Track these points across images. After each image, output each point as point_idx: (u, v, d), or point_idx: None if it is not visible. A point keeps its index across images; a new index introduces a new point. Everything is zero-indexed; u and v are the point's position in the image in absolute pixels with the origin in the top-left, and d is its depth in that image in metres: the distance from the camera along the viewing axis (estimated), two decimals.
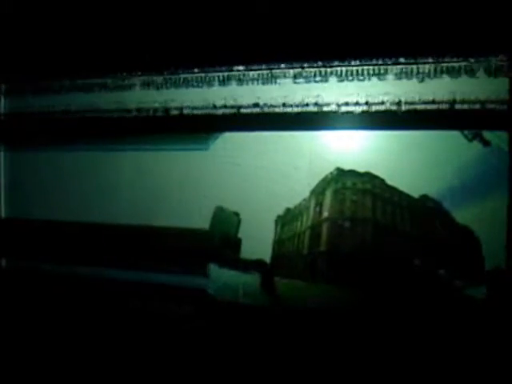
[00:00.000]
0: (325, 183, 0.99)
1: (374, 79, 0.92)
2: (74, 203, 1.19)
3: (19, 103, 1.21)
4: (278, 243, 1.04)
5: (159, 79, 1.08)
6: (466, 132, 0.89)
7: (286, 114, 0.98)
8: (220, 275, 1.07)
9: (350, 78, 0.94)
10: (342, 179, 0.98)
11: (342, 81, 0.95)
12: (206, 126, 1.05)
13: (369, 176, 0.95)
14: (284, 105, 0.99)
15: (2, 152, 1.24)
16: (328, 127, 0.96)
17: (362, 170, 0.95)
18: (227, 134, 1.05)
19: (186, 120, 1.06)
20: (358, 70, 0.93)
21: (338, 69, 0.95)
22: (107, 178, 1.16)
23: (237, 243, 1.05)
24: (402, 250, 0.95)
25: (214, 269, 1.07)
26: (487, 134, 0.88)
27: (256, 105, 1.01)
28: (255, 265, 1.04)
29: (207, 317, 1.06)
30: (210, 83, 1.04)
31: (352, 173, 0.97)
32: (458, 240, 0.91)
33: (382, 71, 0.92)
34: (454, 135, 0.90)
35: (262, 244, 1.04)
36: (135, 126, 1.10)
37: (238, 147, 1.04)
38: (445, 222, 0.92)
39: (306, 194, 1.00)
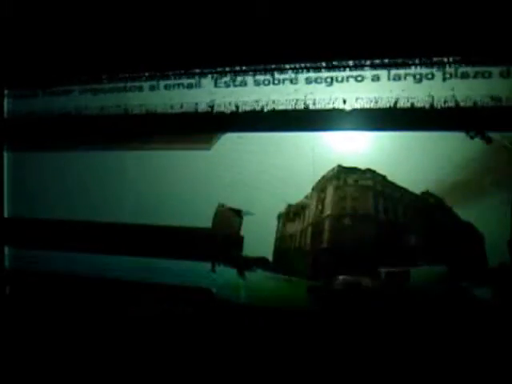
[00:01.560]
0: (326, 180, 0.99)
1: (378, 79, 0.93)
2: (77, 203, 1.20)
3: (23, 104, 1.22)
4: (280, 241, 1.04)
5: (162, 80, 1.09)
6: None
7: (289, 114, 0.99)
8: (224, 274, 1.07)
9: (356, 79, 0.94)
10: (343, 176, 0.98)
11: (346, 81, 0.95)
12: (209, 126, 1.06)
13: (370, 173, 0.96)
14: (287, 105, 0.99)
15: (6, 152, 1.25)
16: (331, 128, 0.97)
17: (364, 167, 0.96)
18: (230, 135, 1.05)
19: (189, 120, 1.07)
20: (363, 72, 0.94)
21: (342, 69, 0.95)
22: (110, 178, 1.16)
23: (239, 241, 1.06)
24: (404, 247, 0.95)
25: (217, 267, 1.08)
26: (489, 132, 0.88)
27: (259, 105, 1.01)
28: (257, 262, 1.04)
29: (211, 316, 1.06)
30: (213, 83, 1.05)
31: (353, 170, 0.97)
32: (460, 237, 0.91)
33: (387, 72, 0.92)
34: (456, 133, 0.90)
35: (264, 242, 1.04)
36: (138, 127, 1.11)
37: (240, 147, 1.04)
38: (447, 218, 0.91)
39: (309, 192, 1.01)
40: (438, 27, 0.88)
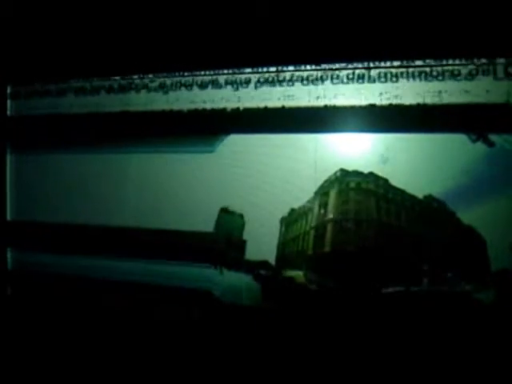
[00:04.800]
0: (329, 184, 0.99)
1: (381, 81, 0.92)
2: (80, 206, 1.19)
3: (25, 105, 1.22)
4: (283, 244, 1.04)
5: (165, 81, 1.08)
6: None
7: (292, 116, 0.98)
8: (226, 277, 1.07)
9: (357, 79, 0.94)
10: (346, 180, 0.98)
11: (348, 82, 0.94)
12: (213, 128, 1.05)
13: (372, 176, 0.96)
14: (290, 107, 0.98)
15: (9, 154, 1.25)
16: (334, 129, 0.96)
17: (367, 171, 0.95)
18: (233, 136, 1.05)
19: (192, 122, 1.06)
20: (364, 72, 0.93)
21: (344, 71, 0.94)
22: (113, 181, 1.16)
23: (242, 245, 1.06)
24: (406, 251, 0.95)
25: (219, 271, 1.08)
26: (491, 135, 0.88)
27: (262, 107, 1.01)
28: (260, 266, 1.04)
29: (213, 319, 1.06)
30: (216, 85, 1.04)
31: (356, 173, 0.97)
32: (462, 241, 0.91)
33: (389, 73, 0.92)
34: (458, 136, 0.90)
35: (266, 245, 1.04)
36: (141, 128, 1.11)
37: (243, 149, 1.04)
38: (450, 222, 0.91)
39: (311, 195, 1.00)
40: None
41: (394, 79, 0.92)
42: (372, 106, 0.93)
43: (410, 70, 0.91)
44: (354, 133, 0.96)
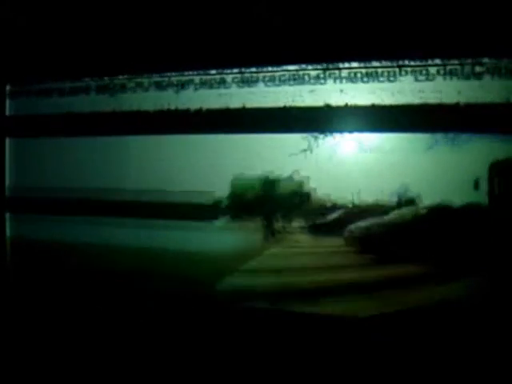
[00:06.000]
0: None
1: (387, 81, 0.93)
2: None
3: (26, 105, 1.21)
4: None
5: (161, 81, 1.10)
6: None
7: (292, 116, 0.99)
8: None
9: (361, 79, 0.94)
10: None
11: (349, 82, 0.95)
12: (212, 126, 1.06)
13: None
14: (290, 107, 0.99)
15: (9, 157, 1.24)
16: (336, 130, 0.97)
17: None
18: (233, 136, 1.07)
19: (187, 121, 1.08)
20: (367, 72, 0.94)
21: (345, 71, 0.95)
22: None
23: None
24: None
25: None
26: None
27: (262, 107, 1.02)
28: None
29: (214, 321, 1.06)
30: (216, 85, 1.05)
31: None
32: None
33: (393, 73, 0.92)
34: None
35: None
36: (138, 128, 1.13)
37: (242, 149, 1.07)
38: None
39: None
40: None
41: (403, 79, 0.92)
42: (375, 107, 0.93)
43: (419, 69, 0.91)
44: (356, 134, 0.98)
